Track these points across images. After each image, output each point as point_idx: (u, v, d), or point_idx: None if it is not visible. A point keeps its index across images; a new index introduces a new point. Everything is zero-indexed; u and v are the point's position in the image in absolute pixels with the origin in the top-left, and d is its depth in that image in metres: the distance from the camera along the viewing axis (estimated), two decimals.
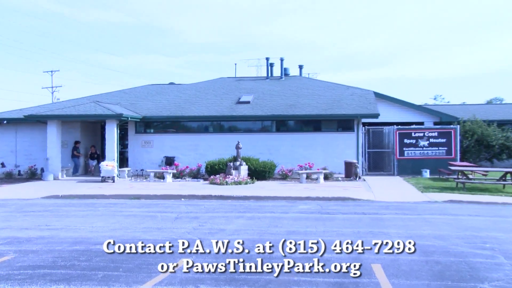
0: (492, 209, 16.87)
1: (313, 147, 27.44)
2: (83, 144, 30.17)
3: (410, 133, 28.95)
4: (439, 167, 26.79)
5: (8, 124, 29.42)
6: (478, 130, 30.62)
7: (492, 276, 8.28)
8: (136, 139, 29.01)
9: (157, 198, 19.56)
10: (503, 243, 11.12)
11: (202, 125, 29.25)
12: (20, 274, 8.52)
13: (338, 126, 28.19)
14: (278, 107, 29.09)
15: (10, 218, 15.24)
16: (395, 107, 32.91)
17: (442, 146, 28.64)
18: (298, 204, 17.63)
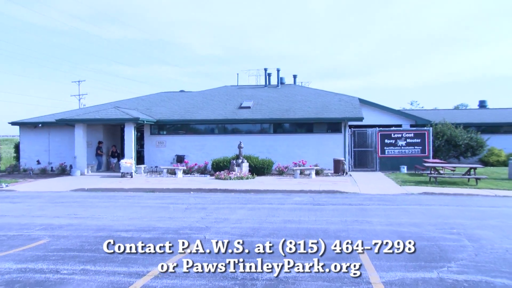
0: (459, 200, 16.97)
1: (306, 146, 27.51)
2: (105, 144, 30.29)
3: (390, 134, 29.07)
4: (414, 163, 26.95)
5: (42, 127, 29.66)
6: (447, 131, 30.82)
7: (457, 257, 8.49)
8: (151, 140, 29.05)
9: (169, 191, 19.58)
10: (468, 228, 11.31)
11: (209, 127, 29.26)
12: (54, 255, 8.75)
13: (328, 128, 28.20)
14: (275, 112, 29.12)
15: (44, 207, 15.40)
16: (376, 112, 32.92)
17: (417, 146, 28.77)
18: (293, 197, 17.65)
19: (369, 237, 10.22)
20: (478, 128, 33.02)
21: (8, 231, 11.23)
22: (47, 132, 29.83)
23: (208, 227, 11.40)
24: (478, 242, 9.79)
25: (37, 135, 29.96)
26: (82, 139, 27.16)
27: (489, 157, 32.43)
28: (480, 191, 19.07)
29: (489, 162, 32.04)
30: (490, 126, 34.76)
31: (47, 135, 29.81)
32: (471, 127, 32.52)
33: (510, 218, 13.04)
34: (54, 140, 29.69)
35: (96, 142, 29.59)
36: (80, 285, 6.87)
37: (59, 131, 29.42)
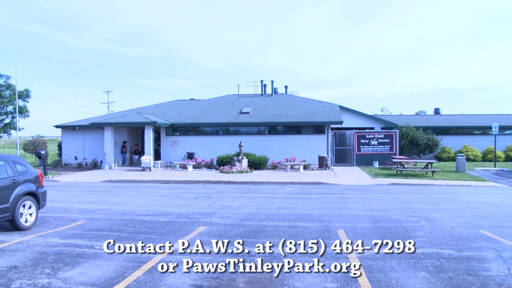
0: (419, 189, 17.12)
1: (295, 145, 27.51)
2: (128, 143, 30.30)
3: (364, 135, 29.15)
4: (384, 159, 27.02)
5: (79, 129, 29.95)
6: (410, 133, 30.89)
7: (417, 234, 8.66)
8: (166, 140, 29.04)
9: (181, 183, 19.65)
10: (425, 211, 11.48)
11: (214, 129, 29.24)
12: (89, 234, 8.89)
13: (314, 130, 28.21)
14: (269, 116, 29.13)
15: (81, 195, 15.53)
16: (354, 117, 32.95)
17: (387, 145, 28.86)
18: (285, 187, 17.76)
19: (348, 220, 10.34)
20: (434, 130, 33.13)
21: (54, 213, 11.39)
22: (83, 133, 29.96)
23: (214, 213, 11.47)
24: (433, 222, 9.96)
25: (75, 136, 30.12)
26: (110, 139, 27.21)
27: (442, 154, 32.67)
28: (435, 181, 19.21)
29: (442, 158, 32.27)
30: (443, 129, 34.91)
31: (82, 136, 29.92)
32: (429, 129, 32.63)
33: (457, 203, 13.24)
34: (88, 140, 29.81)
35: (121, 141, 29.62)
36: (110, 259, 6.95)
37: (92, 132, 29.50)
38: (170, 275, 6.08)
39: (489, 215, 11.02)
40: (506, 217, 10.89)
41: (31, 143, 35.23)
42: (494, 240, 8.18)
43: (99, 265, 6.63)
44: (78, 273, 6.25)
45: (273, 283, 5.76)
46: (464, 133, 35.28)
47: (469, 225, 9.62)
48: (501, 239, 8.29)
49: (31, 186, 9.69)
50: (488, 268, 6.43)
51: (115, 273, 6.24)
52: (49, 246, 7.87)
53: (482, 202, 13.39)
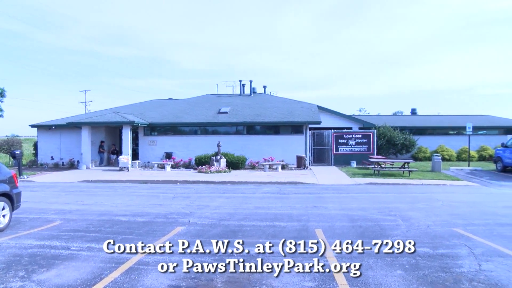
0: (396, 188, 17.35)
1: (273, 145, 27.59)
2: (106, 143, 30.04)
3: (342, 135, 29.42)
4: (362, 159, 27.34)
5: (55, 129, 29.54)
6: (388, 133, 31.26)
7: (393, 233, 8.80)
8: (144, 139, 28.82)
9: (159, 183, 19.53)
10: (402, 210, 11.65)
11: (193, 129, 29.11)
12: (65, 235, 8.79)
13: (292, 130, 28.33)
14: (248, 116, 29.16)
15: (57, 195, 15.32)
16: (332, 117, 33.16)
17: (364, 145, 29.19)
18: (263, 187, 17.79)
19: (326, 219, 10.43)
20: (411, 130, 33.61)
21: (29, 214, 11.21)
22: (59, 133, 29.57)
23: (192, 213, 11.44)
24: (409, 221, 10.14)
25: (51, 135, 29.70)
26: (87, 139, 26.93)
27: (418, 153, 33.16)
28: (412, 181, 19.51)
29: (418, 158, 32.76)
30: (419, 129, 35.48)
31: (59, 135, 29.53)
32: (406, 129, 33.07)
33: (432, 201, 13.49)
34: (65, 139, 29.46)
35: (98, 141, 29.36)
36: (86, 260, 6.91)
37: (69, 132, 29.17)
38: (148, 275, 6.08)
39: (462, 214, 11.29)
40: (478, 215, 11.17)
41: (5, 143, 34.61)
42: (467, 238, 8.40)
43: (76, 267, 6.57)
44: (53, 275, 6.18)
45: (251, 282, 5.80)
46: (440, 133, 35.99)
47: (444, 224, 9.85)
48: (473, 236, 8.53)
49: (4, 186, 9.51)
50: (461, 264, 6.61)
51: (92, 274, 6.20)
52: (23, 248, 7.74)
53: (456, 201, 13.69)
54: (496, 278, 6.05)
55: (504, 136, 32.04)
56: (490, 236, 8.57)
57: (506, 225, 9.78)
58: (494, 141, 33.67)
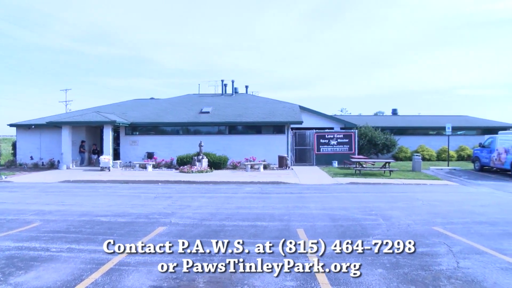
0: (377, 188, 17.53)
1: (255, 145, 27.62)
2: (87, 142, 29.70)
3: (324, 135, 29.60)
4: (344, 159, 27.57)
5: (35, 128, 29.01)
6: (369, 133, 31.61)
7: (374, 232, 8.91)
8: (126, 139, 28.57)
9: (141, 183, 19.37)
10: (383, 210, 11.80)
11: (174, 129, 28.96)
12: (45, 236, 8.67)
13: (274, 130, 28.38)
14: (230, 116, 29.13)
15: (37, 196, 15.08)
16: (314, 117, 33.37)
17: (346, 144, 29.43)
18: (245, 187, 17.79)
19: (307, 219, 10.49)
20: (392, 130, 34.04)
21: (7, 216, 11.03)
22: (39, 132, 29.10)
23: (174, 213, 11.40)
24: (390, 220, 10.27)
25: (31, 135, 29.21)
26: (68, 138, 26.61)
27: (399, 153, 33.61)
28: (393, 180, 19.76)
29: (399, 158, 33.20)
30: (400, 129, 35.98)
31: (39, 135, 29.07)
32: (387, 129, 33.48)
33: (413, 201, 13.69)
34: (45, 139, 29.01)
35: (79, 141, 29.01)
36: (67, 261, 6.84)
37: (49, 132, 28.73)
38: (129, 276, 6.04)
39: (442, 212, 11.49)
40: (457, 213, 11.39)
41: None
42: (446, 236, 8.57)
43: (55, 268, 6.49)
44: (31, 277, 6.09)
45: (233, 282, 5.81)
46: (420, 133, 36.53)
47: (424, 222, 10.01)
48: (452, 234, 8.71)
49: None
50: (440, 262, 6.74)
51: (72, 275, 6.13)
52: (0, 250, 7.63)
53: (436, 200, 13.92)
54: (473, 274, 6.23)
55: (481, 136, 32.64)
56: (468, 234, 8.77)
57: (483, 223, 10.02)
58: (472, 141, 34.31)
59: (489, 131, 33.78)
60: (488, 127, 36.45)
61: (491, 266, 6.65)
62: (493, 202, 13.83)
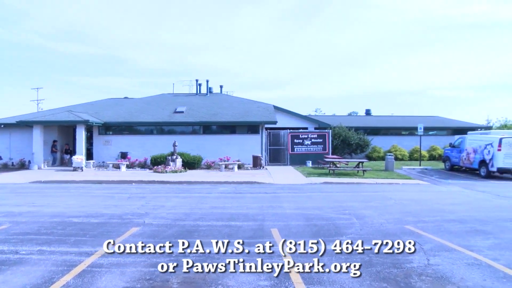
0: (351, 187, 17.77)
1: (230, 145, 27.60)
2: (59, 142, 29.15)
3: (298, 135, 29.81)
4: (318, 159, 27.79)
5: (4, 127, 28.34)
6: (343, 133, 31.95)
7: (348, 232, 9.02)
8: (99, 139, 28.20)
9: (114, 183, 19.17)
10: (356, 209, 11.95)
11: (148, 128, 28.73)
12: (14, 238, 8.46)
13: (248, 130, 28.43)
14: (204, 116, 29.04)
15: (6, 197, 14.75)
16: (288, 117, 33.57)
17: (320, 144, 29.71)
18: (219, 187, 17.78)
19: (281, 219, 10.55)
20: (365, 130, 34.50)
21: None
22: (9, 132, 28.46)
23: (147, 213, 11.31)
24: (363, 219, 10.42)
25: (0, 134, 28.51)
26: (39, 138, 26.12)
27: (372, 153, 34.09)
28: (366, 180, 20.04)
29: (372, 158, 33.67)
30: (374, 129, 36.55)
31: (8, 135, 28.43)
32: (360, 130, 33.91)
33: (385, 200, 13.96)
34: (15, 138, 28.39)
35: (51, 140, 28.46)
36: (37, 264, 6.70)
37: (19, 131, 28.12)
38: (102, 278, 5.97)
39: (413, 211, 11.74)
40: (428, 212, 11.65)
41: None
42: (417, 234, 8.75)
43: (24, 271, 6.34)
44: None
45: (207, 282, 5.81)
46: (393, 133, 37.17)
47: (396, 221, 10.20)
48: (423, 233, 8.91)
49: None
50: (411, 260, 6.88)
51: (42, 278, 6.01)
52: None
53: (408, 199, 14.21)
54: (442, 271, 6.42)
55: (452, 136, 33.39)
56: (438, 232, 8.99)
57: (452, 221, 10.29)
58: (444, 141, 35.05)
59: (459, 131, 34.57)
60: (458, 128, 37.33)
61: (459, 263, 6.86)
62: (462, 201, 14.21)
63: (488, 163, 21.94)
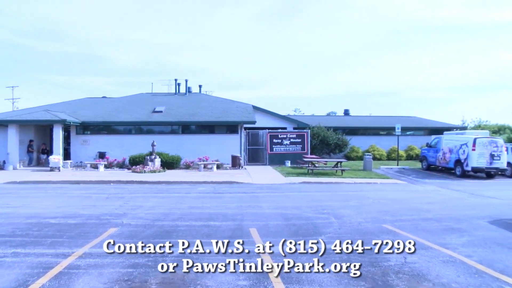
0: (329, 187, 17.92)
1: (209, 145, 27.51)
2: (36, 142, 28.60)
3: (277, 135, 29.88)
4: (296, 159, 27.91)
5: None
6: (321, 133, 32.12)
7: (326, 231, 9.08)
8: (77, 139, 27.82)
9: (92, 183, 18.93)
10: (335, 208, 12.05)
11: (127, 128, 28.46)
12: None
13: (227, 129, 28.41)
14: (183, 115, 28.90)
15: None
16: (267, 116, 33.59)
17: (299, 144, 29.82)
18: (198, 187, 17.72)
19: (260, 218, 10.57)
20: (344, 130, 34.79)
21: None
22: None
23: (126, 213, 11.21)
24: (341, 219, 10.51)
25: None
26: (14, 138, 25.59)
27: (351, 153, 34.40)
28: (345, 179, 20.24)
29: (351, 157, 33.96)
30: (352, 129, 36.91)
31: None
32: (339, 129, 34.17)
33: (364, 199, 14.12)
34: None
35: (27, 140, 27.87)
36: (11, 266, 6.55)
37: None
38: (79, 280, 5.88)
39: (391, 210, 11.90)
40: (405, 211, 11.83)
41: None
42: (395, 233, 8.88)
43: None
44: None
45: (185, 283, 5.78)
46: (371, 133, 37.61)
47: (374, 220, 10.33)
48: (400, 231, 9.04)
49: None
50: (388, 258, 6.97)
51: (16, 282, 5.87)
52: None
53: (386, 198, 14.40)
54: (418, 269, 6.54)
55: (429, 136, 33.96)
56: (415, 231, 9.14)
57: (429, 220, 10.48)
58: (421, 141, 35.64)
59: (435, 131, 35.16)
60: (434, 128, 37.98)
61: (435, 260, 7.00)
62: (439, 200, 14.48)
63: (463, 163, 22.38)
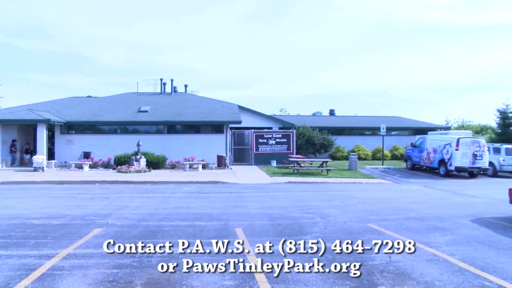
0: (315, 186, 18.00)
1: (194, 144, 27.44)
2: (19, 142, 28.15)
3: (263, 135, 29.91)
4: (282, 158, 27.96)
5: None
6: (307, 133, 32.26)
7: (312, 231, 9.12)
8: (61, 138, 27.53)
9: (77, 183, 18.73)
10: (320, 208, 12.11)
11: (112, 128, 28.24)
12: None
13: (213, 129, 28.36)
14: (169, 115, 28.76)
15: None
16: (253, 116, 33.62)
17: (284, 144, 29.88)
18: (183, 187, 17.67)
19: (246, 218, 10.58)
20: (329, 130, 34.99)
21: None
22: None
23: (111, 214, 11.12)
24: (327, 218, 10.57)
25: None
26: None
27: (336, 153, 34.59)
28: (330, 179, 20.35)
29: (336, 157, 34.13)
30: (338, 129, 37.15)
31: None
32: (324, 129, 34.35)
33: (349, 199, 14.22)
34: None
35: (10, 140, 27.43)
36: None
37: None
38: (63, 281, 5.81)
39: (376, 210, 12.00)
40: (390, 210, 11.94)
41: None
42: (380, 232, 8.95)
43: None
44: None
45: (171, 283, 5.76)
46: (357, 133, 37.90)
47: (359, 220, 10.40)
48: (385, 231, 9.12)
49: None
50: (374, 258, 7.03)
51: None
52: None
53: (371, 198, 14.52)
54: (403, 267, 6.61)
55: (413, 136, 34.31)
56: (400, 230, 9.23)
57: (413, 219, 10.59)
58: (405, 141, 35.96)
59: (420, 131, 35.52)
60: (419, 128, 38.38)
61: (419, 259, 7.07)
62: (423, 199, 14.64)
63: (447, 162, 22.67)
